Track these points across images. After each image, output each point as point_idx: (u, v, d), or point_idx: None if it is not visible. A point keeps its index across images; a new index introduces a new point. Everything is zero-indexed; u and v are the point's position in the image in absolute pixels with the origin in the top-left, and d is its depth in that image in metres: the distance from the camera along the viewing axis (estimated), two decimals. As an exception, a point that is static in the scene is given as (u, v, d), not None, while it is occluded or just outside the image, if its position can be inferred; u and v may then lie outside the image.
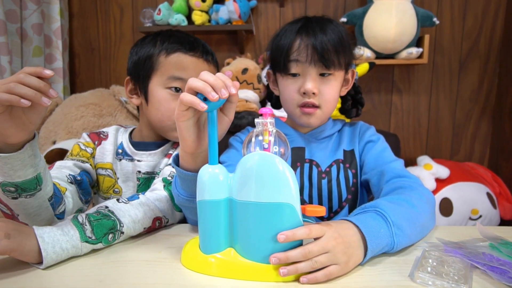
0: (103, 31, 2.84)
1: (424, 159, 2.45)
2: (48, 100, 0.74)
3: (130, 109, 2.19)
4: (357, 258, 0.73)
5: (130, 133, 1.25)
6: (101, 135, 1.22)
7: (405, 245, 0.80)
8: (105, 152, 1.19)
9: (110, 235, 0.83)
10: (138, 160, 1.17)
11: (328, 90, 1.05)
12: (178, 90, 1.11)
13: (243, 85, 2.40)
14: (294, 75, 1.05)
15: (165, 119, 1.12)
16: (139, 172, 1.16)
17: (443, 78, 2.69)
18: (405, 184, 0.95)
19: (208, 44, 1.21)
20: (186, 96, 0.72)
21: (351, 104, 1.22)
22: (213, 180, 0.71)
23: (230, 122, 0.84)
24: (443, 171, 2.34)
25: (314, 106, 1.06)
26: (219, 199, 0.71)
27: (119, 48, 2.82)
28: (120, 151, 1.19)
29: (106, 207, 0.88)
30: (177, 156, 0.87)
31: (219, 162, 1.11)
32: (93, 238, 0.80)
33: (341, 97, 1.21)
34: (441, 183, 2.33)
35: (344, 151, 1.14)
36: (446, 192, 2.29)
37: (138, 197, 0.95)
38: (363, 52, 2.41)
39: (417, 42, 2.46)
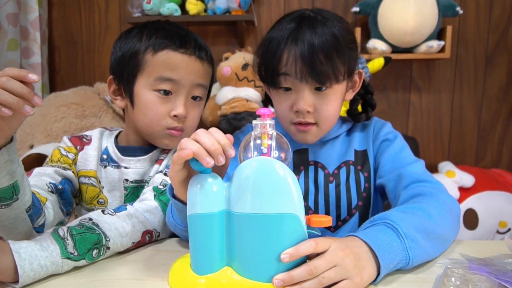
0: (87, 21, 2.85)
1: (446, 166, 2.45)
2: (32, 109, 0.73)
3: (117, 109, 2.20)
4: (370, 271, 0.72)
5: (116, 137, 1.25)
6: (84, 139, 1.22)
7: (421, 260, 0.80)
8: (88, 158, 1.19)
9: (95, 251, 0.83)
10: (125, 167, 1.17)
11: (326, 107, 1.02)
12: (167, 93, 1.10)
13: (243, 82, 2.40)
14: (287, 89, 1.03)
15: (153, 124, 1.11)
16: (126, 180, 1.16)
17: (467, 75, 2.69)
18: (425, 190, 0.94)
19: (204, 37, 1.21)
20: (176, 154, 0.71)
21: (361, 105, 1.20)
22: (205, 191, 0.71)
23: (226, 169, 0.81)
24: (468, 179, 2.34)
25: (310, 124, 1.04)
26: (213, 212, 0.71)
27: (104, 41, 2.84)
28: (105, 157, 1.19)
29: (90, 219, 0.88)
30: (171, 186, 0.86)
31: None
32: (76, 254, 0.80)
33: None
34: (465, 192, 2.32)
35: (355, 151, 1.14)
36: (471, 202, 2.29)
37: (126, 208, 0.95)
38: (377, 45, 2.42)
39: (438, 34, 2.47)
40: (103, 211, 0.92)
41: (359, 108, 1.19)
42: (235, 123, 2.24)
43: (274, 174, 0.67)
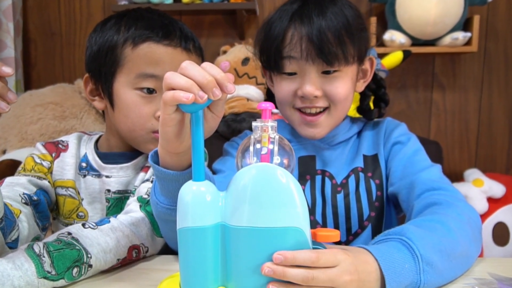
0: (66, 10, 2.86)
1: (473, 173, 2.45)
2: (7, 105, 0.73)
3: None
4: None
5: (96, 142, 1.25)
6: (60, 145, 1.22)
7: (435, 285, 0.79)
8: (65, 167, 1.19)
9: (75, 269, 0.84)
10: (107, 176, 1.17)
11: (336, 89, 1.03)
12: (151, 91, 1.09)
13: (243, 79, 2.40)
14: (291, 74, 1.04)
15: (137, 128, 1.11)
16: (108, 191, 1.16)
17: (497, 70, 2.70)
18: (440, 199, 0.94)
19: (200, 28, 1.21)
20: (169, 94, 0.69)
21: (373, 102, 1.20)
22: (198, 202, 0.70)
23: (219, 119, 0.81)
24: (497, 189, 2.34)
25: (318, 113, 1.05)
26: (206, 225, 0.70)
27: (86, 33, 2.84)
28: (84, 165, 1.19)
29: (69, 233, 0.88)
30: (155, 153, 0.86)
31: (213, 172, 1.11)
32: (53, 273, 0.80)
33: (359, 94, 1.20)
34: (494, 203, 2.32)
35: (365, 156, 1.14)
36: (501, 215, 2.28)
37: (109, 221, 0.95)
38: (395, 37, 2.42)
39: (464, 24, 2.47)
40: (83, 225, 0.92)
41: (371, 104, 1.20)
42: (234, 125, 2.23)
43: (276, 182, 0.67)
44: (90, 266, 0.86)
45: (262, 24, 1.09)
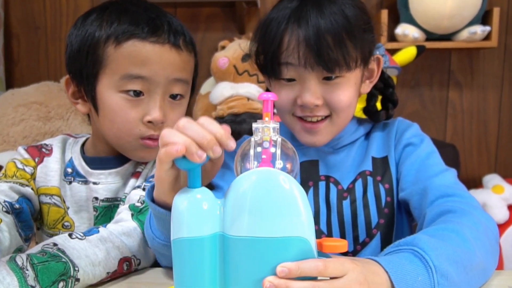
0: (51, 2, 2.87)
1: (492, 179, 2.45)
2: None
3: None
4: None
5: (83, 145, 1.24)
6: (43, 149, 1.21)
7: None
8: (49, 173, 1.18)
9: (61, 284, 0.83)
10: (94, 183, 1.16)
11: (338, 97, 1.03)
12: (138, 93, 1.07)
13: (243, 76, 2.41)
14: (290, 80, 1.04)
15: (123, 134, 1.09)
16: (96, 199, 1.16)
17: (518, 67, 2.70)
18: (455, 206, 0.93)
19: (196, 21, 1.20)
20: (162, 150, 0.70)
21: (380, 102, 1.20)
22: (194, 210, 0.70)
23: (219, 167, 0.81)
24: (520, 196, 2.34)
25: (319, 120, 1.05)
26: (203, 236, 0.70)
27: (74, 26, 2.84)
28: (69, 170, 1.19)
29: (55, 244, 0.88)
30: (152, 188, 0.86)
31: (213, 188, 1.10)
32: (38, 287, 0.80)
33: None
34: (516, 212, 2.33)
35: (373, 158, 1.14)
36: (524, 224, 2.29)
37: (98, 231, 0.95)
38: (408, 32, 2.42)
39: (483, 17, 2.48)
40: (70, 235, 0.92)
41: (378, 105, 1.19)
42: (233, 127, 2.21)
43: (278, 189, 0.67)
44: (78, 280, 0.86)
45: (259, 22, 1.09)
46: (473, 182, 2.67)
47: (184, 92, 1.14)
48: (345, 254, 1.07)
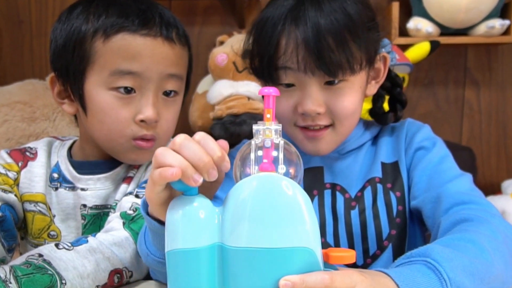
0: (37, -5, 2.87)
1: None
2: None
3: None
4: None
5: (70, 148, 1.24)
6: (27, 153, 1.22)
7: None
8: (34, 178, 1.19)
9: (46, 298, 0.84)
10: (82, 189, 1.16)
11: (341, 103, 1.03)
12: (129, 90, 1.08)
13: (243, 74, 2.40)
14: (288, 85, 1.04)
15: (114, 135, 1.10)
16: (84, 206, 1.16)
17: (540, 64, 2.70)
18: (471, 214, 0.92)
19: (193, 14, 1.19)
20: (156, 173, 0.69)
21: (388, 102, 1.20)
22: (190, 219, 0.70)
23: (220, 184, 0.81)
24: (541, 203, 2.34)
25: (322, 128, 1.05)
26: (199, 247, 0.70)
27: (60, 20, 2.84)
28: (55, 176, 1.19)
29: (40, 255, 0.88)
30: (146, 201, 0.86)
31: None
32: (21, 302, 0.81)
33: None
34: (538, 220, 2.32)
35: (383, 164, 1.14)
36: (547, 234, 2.28)
37: (87, 241, 0.95)
38: (421, 26, 2.43)
39: (502, 11, 2.47)
40: (57, 245, 0.92)
41: (385, 106, 1.19)
42: (233, 129, 2.23)
43: (281, 195, 0.66)
44: (65, 293, 0.86)
45: (254, 21, 1.07)
46: (491, 188, 2.67)
47: (178, 89, 1.14)
48: (353, 266, 1.07)
